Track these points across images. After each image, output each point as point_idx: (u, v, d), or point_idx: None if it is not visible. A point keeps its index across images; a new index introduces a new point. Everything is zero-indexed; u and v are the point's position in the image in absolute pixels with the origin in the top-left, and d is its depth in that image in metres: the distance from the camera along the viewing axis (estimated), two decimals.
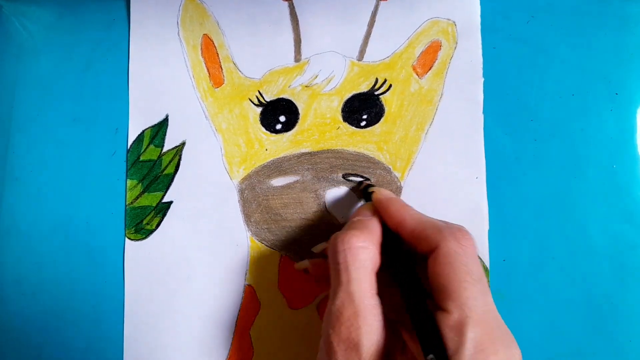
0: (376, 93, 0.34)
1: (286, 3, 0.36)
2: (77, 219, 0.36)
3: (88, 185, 0.36)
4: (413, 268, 0.26)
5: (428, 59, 0.34)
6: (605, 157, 0.32)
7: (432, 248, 0.24)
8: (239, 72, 0.36)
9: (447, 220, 0.32)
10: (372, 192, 0.29)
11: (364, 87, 0.34)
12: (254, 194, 0.35)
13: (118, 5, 0.37)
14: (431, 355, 0.21)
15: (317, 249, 0.32)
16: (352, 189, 0.34)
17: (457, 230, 0.25)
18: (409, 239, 0.26)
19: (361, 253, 0.25)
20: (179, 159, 0.35)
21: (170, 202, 0.35)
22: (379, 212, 0.28)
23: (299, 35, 0.35)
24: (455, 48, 0.34)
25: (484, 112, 0.33)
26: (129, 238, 0.35)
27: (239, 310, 0.34)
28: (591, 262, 0.31)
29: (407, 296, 0.25)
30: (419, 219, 0.26)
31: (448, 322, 0.22)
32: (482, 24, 0.34)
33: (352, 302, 0.23)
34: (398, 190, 0.34)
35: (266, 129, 0.35)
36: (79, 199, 0.36)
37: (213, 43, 0.36)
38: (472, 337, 0.21)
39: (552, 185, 0.32)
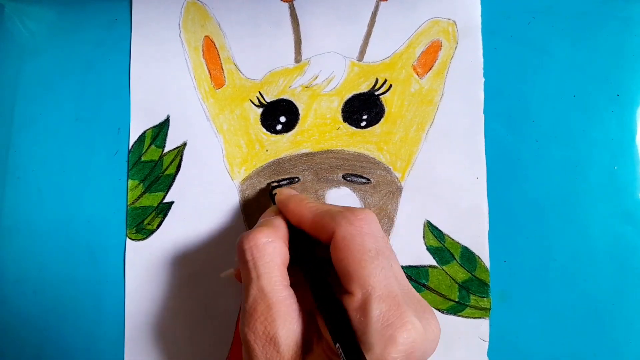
0: (376, 93, 0.34)
1: (287, 4, 0.35)
2: (79, 218, 0.36)
3: (90, 184, 0.36)
4: (315, 259, 0.26)
5: (428, 59, 0.34)
6: (606, 158, 0.32)
7: (330, 235, 0.24)
8: (240, 73, 0.36)
9: (448, 220, 0.32)
10: (275, 193, 0.30)
11: (364, 88, 0.34)
12: (254, 195, 0.34)
13: (120, 5, 0.37)
14: (338, 345, 0.21)
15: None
16: (260, 191, 0.34)
17: (349, 213, 0.24)
18: (311, 232, 0.26)
19: (267, 248, 0.25)
20: (180, 160, 0.35)
21: (172, 203, 0.35)
22: (282, 211, 0.28)
23: (299, 36, 0.35)
24: (455, 48, 0.34)
25: (485, 112, 0.33)
26: (130, 238, 0.35)
27: (239, 311, 0.34)
28: (592, 264, 0.31)
29: (313, 287, 0.24)
30: (316, 210, 0.26)
31: (353, 304, 0.22)
32: (483, 25, 0.33)
33: (264, 297, 0.23)
34: (398, 190, 0.33)
35: (267, 130, 0.35)
36: (80, 199, 0.36)
37: (214, 44, 0.36)
38: (377, 314, 0.21)
39: (553, 186, 0.32)
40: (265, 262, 0.24)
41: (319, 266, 0.25)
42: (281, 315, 0.23)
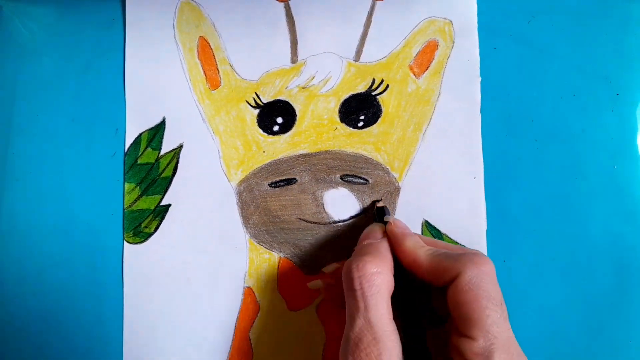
0: (373, 93, 0.34)
1: (282, 4, 0.35)
2: (77, 220, 0.35)
3: (88, 185, 0.36)
4: (420, 298, 0.26)
5: (425, 58, 0.34)
6: (606, 158, 0.31)
7: (452, 278, 0.24)
8: (236, 74, 0.35)
9: (446, 220, 0.32)
10: (387, 221, 0.29)
11: (361, 88, 0.34)
12: (252, 196, 0.34)
13: (118, 5, 0.37)
14: None
15: (329, 269, 0.32)
16: (365, 209, 0.33)
17: (475, 256, 0.24)
18: (425, 275, 0.25)
19: (376, 279, 0.24)
20: (177, 162, 0.35)
21: (169, 205, 0.35)
22: (392, 245, 0.27)
23: (296, 36, 0.35)
24: (452, 47, 0.33)
25: (485, 112, 0.32)
26: (128, 241, 0.35)
27: (238, 313, 0.33)
28: (591, 263, 0.31)
29: (406, 324, 0.25)
30: (433, 255, 0.25)
31: (475, 350, 0.22)
32: (482, 24, 0.33)
33: (371, 329, 0.23)
34: (396, 190, 0.33)
35: (263, 131, 0.34)
36: (78, 200, 0.36)
37: (209, 45, 0.35)
38: None
39: (552, 185, 0.32)
40: (373, 293, 0.24)
41: (423, 308, 0.26)
42: (387, 349, 0.23)
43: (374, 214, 0.32)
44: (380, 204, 0.32)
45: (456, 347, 0.23)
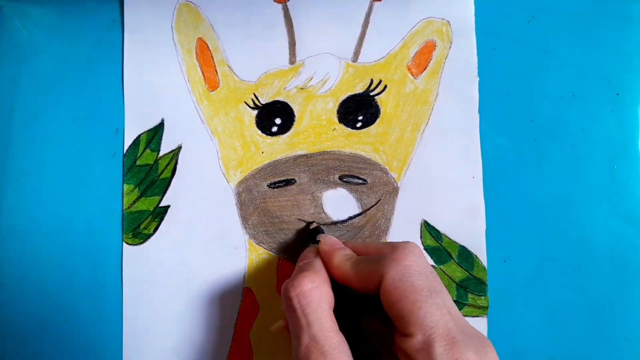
0: (371, 94, 0.34)
1: (280, 5, 0.35)
2: (77, 220, 0.35)
3: (88, 186, 0.35)
4: (364, 307, 0.26)
5: (423, 59, 0.34)
6: (606, 158, 0.31)
7: (378, 283, 0.23)
8: (234, 75, 0.35)
9: (445, 219, 0.32)
10: (318, 240, 0.29)
11: (359, 88, 0.34)
12: (251, 197, 0.34)
13: (118, 6, 0.36)
14: None
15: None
16: (301, 230, 0.33)
17: (394, 252, 0.24)
18: (359, 287, 0.25)
19: (314, 293, 0.24)
20: (176, 163, 0.35)
21: (168, 207, 0.34)
22: (324, 263, 0.27)
23: (294, 37, 0.35)
24: (450, 48, 0.33)
25: (485, 112, 0.32)
26: (127, 242, 0.34)
27: (238, 313, 0.33)
28: (591, 263, 0.31)
29: (352, 334, 0.24)
30: (356, 265, 0.25)
31: (414, 346, 0.21)
32: (482, 24, 0.33)
33: (316, 344, 0.23)
34: (395, 190, 0.33)
35: (262, 132, 0.34)
36: (78, 200, 0.35)
37: (208, 46, 0.35)
38: (440, 351, 0.21)
39: (552, 185, 0.32)
40: (314, 308, 0.24)
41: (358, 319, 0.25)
42: None
43: (309, 236, 0.32)
44: (313, 226, 0.32)
45: (399, 347, 0.23)
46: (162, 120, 0.35)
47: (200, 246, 0.34)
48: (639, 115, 0.32)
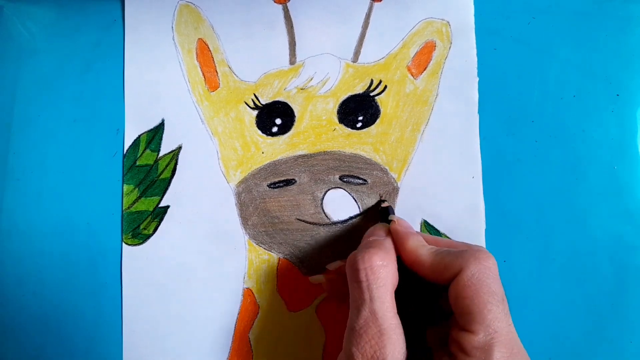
0: (371, 94, 0.33)
1: (280, 6, 0.35)
2: (77, 220, 0.35)
3: (88, 186, 0.35)
4: (423, 296, 0.26)
5: (423, 59, 0.33)
6: (606, 158, 0.31)
7: (454, 275, 0.23)
8: (235, 76, 0.35)
9: (445, 219, 0.32)
10: (391, 220, 0.28)
11: (359, 89, 0.33)
12: (250, 197, 0.34)
13: (118, 6, 0.36)
14: None
15: (333, 266, 0.31)
16: (370, 209, 0.33)
17: (477, 252, 0.24)
18: (427, 274, 0.25)
19: (382, 271, 0.24)
20: (176, 164, 0.34)
21: (167, 207, 0.34)
22: (395, 244, 0.27)
23: (294, 37, 0.34)
24: (449, 48, 0.33)
25: (485, 112, 0.32)
26: (127, 243, 0.34)
27: (238, 314, 0.33)
28: (592, 263, 0.30)
29: (408, 320, 0.24)
30: (435, 253, 0.25)
31: (474, 343, 0.22)
32: (482, 25, 0.33)
33: (376, 321, 0.23)
34: (395, 191, 0.33)
35: (262, 132, 0.34)
36: (79, 200, 0.35)
37: (208, 47, 0.35)
38: (498, 357, 0.21)
39: (553, 186, 0.31)
40: (379, 285, 0.24)
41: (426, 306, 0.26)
42: (392, 342, 0.22)
43: (379, 214, 0.32)
44: (385, 204, 0.32)
45: (457, 341, 0.23)
46: (162, 121, 0.35)
47: (200, 246, 0.34)
48: (639, 115, 0.31)
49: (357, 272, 0.24)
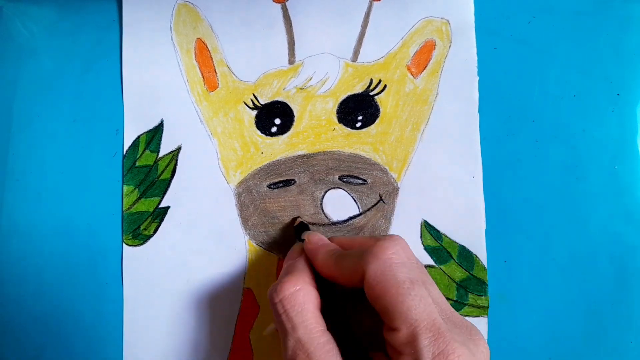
0: (371, 94, 0.33)
1: (279, 5, 0.34)
2: (77, 221, 0.35)
3: (88, 186, 0.35)
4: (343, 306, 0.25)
5: (422, 58, 0.33)
6: (606, 158, 0.31)
7: (362, 278, 0.23)
8: (234, 76, 0.34)
9: (445, 219, 0.32)
10: (303, 239, 0.28)
11: (359, 88, 0.33)
12: (250, 198, 0.33)
13: (117, 6, 0.36)
14: None
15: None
16: (286, 226, 0.33)
17: (375, 248, 0.23)
18: (344, 283, 0.25)
19: (297, 296, 0.24)
20: (175, 164, 0.34)
21: (167, 208, 0.34)
22: (311, 262, 0.27)
23: (293, 37, 0.34)
24: (449, 47, 0.33)
25: (485, 112, 0.32)
26: (127, 244, 0.34)
27: (238, 314, 0.33)
28: (592, 263, 0.30)
29: (339, 338, 0.24)
30: (339, 260, 0.25)
31: (401, 339, 0.21)
32: (483, 24, 0.32)
33: (302, 347, 0.22)
34: (395, 190, 0.32)
35: (261, 132, 0.34)
36: (79, 201, 0.35)
37: (207, 47, 0.35)
38: (426, 344, 0.20)
39: (553, 186, 0.31)
40: (297, 312, 0.23)
41: (345, 314, 0.25)
42: None
43: (294, 231, 0.31)
44: (297, 222, 0.31)
45: (387, 341, 0.22)
46: (162, 121, 0.35)
47: (200, 247, 0.34)
48: (639, 115, 0.31)
49: (275, 306, 0.24)
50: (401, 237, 0.25)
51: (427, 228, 0.32)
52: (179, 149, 0.34)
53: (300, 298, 0.24)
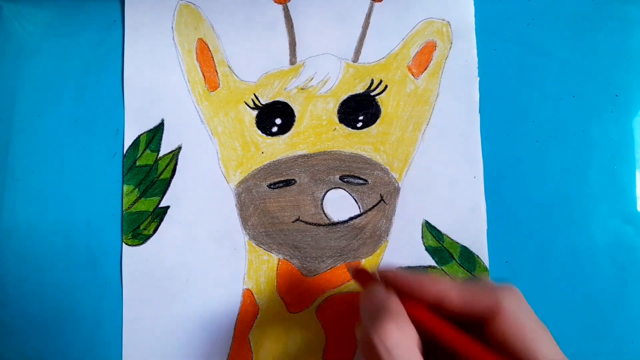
0: (372, 94, 0.33)
1: (281, 6, 0.34)
2: (77, 220, 0.35)
3: (88, 186, 0.35)
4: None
5: (423, 59, 0.33)
6: (605, 158, 0.31)
7: (488, 312, 0.22)
8: (235, 76, 0.34)
9: (447, 220, 0.31)
10: (376, 272, 0.25)
11: (360, 89, 0.33)
12: (250, 198, 0.33)
13: (118, 6, 0.36)
14: None
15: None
16: (348, 270, 0.31)
17: (509, 289, 0.23)
18: (457, 310, 0.23)
19: (401, 338, 0.22)
20: (175, 164, 0.34)
21: (167, 207, 0.34)
22: (410, 289, 0.24)
23: (294, 38, 0.34)
24: (450, 48, 0.33)
25: (486, 113, 0.32)
26: (127, 243, 0.34)
27: (238, 314, 0.33)
28: (592, 263, 0.30)
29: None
30: (464, 288, 0.23)
31: None
32: (482, 26, 0.33)
33: None
34: (396, 191, 0.32)
35: (262, 132, 0.34)
36: (79, 200, 0.35)
37: (208, 47, 0.35)
38: None
39: (553, 186, 0.31)
40: (403, 352, 0.21)
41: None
42: None
43: (355, 277, 0.27)
44: (351, 268, 0.27)
45: None
46: (162, 121, 0.34)
47: (200, 247, 0.33)
48: (638, 116, 0.31)
49: (378, 353, 0.21)
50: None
51: (429, 228, 0.32)
52: (179, 148, 0.34)
53: (403, 339, 0.22)
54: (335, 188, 0.33)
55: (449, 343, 0.22)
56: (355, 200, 0.32)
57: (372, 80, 0.33)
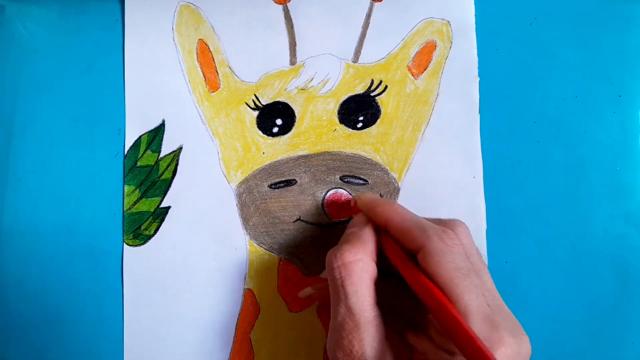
0: (372, 94, 0.33)
1: (281, 6, 0.34)
2: (78, 220, 0.34)
3: (89, 186, 0.35)
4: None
5: (423, 59, 0.33)
6: (608, 159, 0.31)
7: (418, 247, 0.23)
8: (235, 76, 0.34)
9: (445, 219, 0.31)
10: (357, 199, 0.28)
11: (360, 89, 0.33)
12: (251, 198, 0.33)
13: (120, 6, 0.36)
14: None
15: (304, 294, 0.31)
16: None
17: (441, 231, 0.23)
18: (397, 237, 0.25)
19: (355, 266, 0.24)
20: (176, 164, 0.34)
21: (168, 208, 0.34)
22: (367, 215, 0.27)
23: (294, 38, 0.34)
24: (450, 48, 0.33)
25: (487, 113, 0.32)
26: (128, 244, 0.34)
27: (239, 314, 0.33)
28: (593, 264, 0.30)
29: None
30: (405, 217, 0.25)
31: None
32: (484, 26, 0.32)
33: (352, 316, 0.23)
34: (396, 191, 0.32)
35: (263, 133, 0.34)
36: (80, 201, 0.35)
37: (208, 48, 0.35)
38: (475, 328, 0.20)
39: (555, 186, 0.31)
40: (353, 281, 0.23)
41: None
42: (369, 334, 0.22)
43: (353, 211, 0.30)
44: (353, 201, 0.30)
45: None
46: (163, 121, 0.34)
47: (201, 247, 0.33)
48: None
49: (332, 271, 0.24)
50: (464, 223, 0.25)
51: None
52: (180, 149, 0.34)
53: (358, 268, 0.24)
54: (335, 188, 0.32)
55: (397, 267, 0.24)
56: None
57: (372, 81, 0.33)
